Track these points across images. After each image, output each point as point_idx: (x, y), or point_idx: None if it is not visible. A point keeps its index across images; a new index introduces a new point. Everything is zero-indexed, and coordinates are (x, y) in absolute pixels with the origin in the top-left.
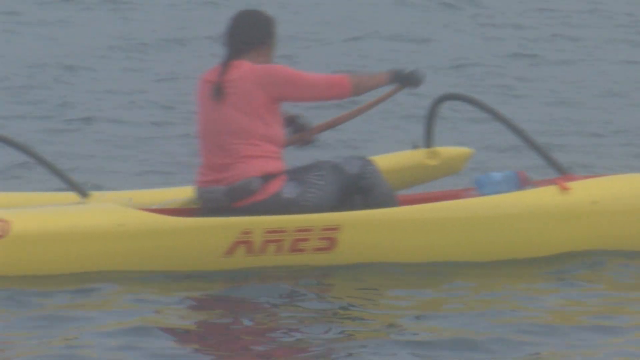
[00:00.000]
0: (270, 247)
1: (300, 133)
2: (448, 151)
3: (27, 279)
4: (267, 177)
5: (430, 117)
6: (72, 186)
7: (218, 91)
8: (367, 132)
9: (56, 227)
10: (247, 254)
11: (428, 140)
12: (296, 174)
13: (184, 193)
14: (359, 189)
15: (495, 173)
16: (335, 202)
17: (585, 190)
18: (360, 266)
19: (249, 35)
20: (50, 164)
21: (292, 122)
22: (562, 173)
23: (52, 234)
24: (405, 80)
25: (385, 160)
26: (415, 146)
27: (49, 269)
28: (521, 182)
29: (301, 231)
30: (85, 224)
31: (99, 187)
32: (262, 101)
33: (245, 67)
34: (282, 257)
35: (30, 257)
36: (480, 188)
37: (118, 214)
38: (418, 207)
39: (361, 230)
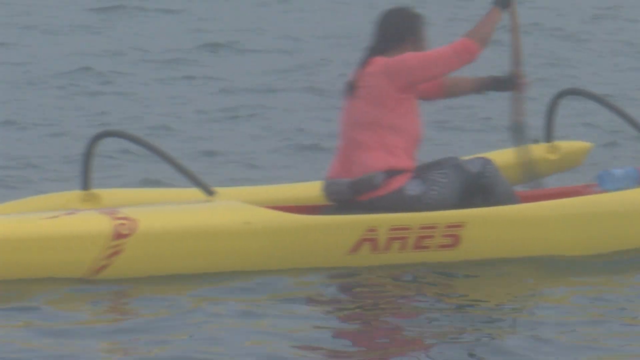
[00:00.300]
0: (395, 244)
1: (511, 87)
2: (568, 145)
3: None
4: (392, 173)
5: (551, 111)
6: (198, 184)
7: (351, 86)
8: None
9: (182, 226)
10: (372, 251)
11: (548, 134)
12: (419, 171)
13: (309, 188)
14: (480, 188)
15: (616, 169)
16: (456, 201)
17: None
18: (484, 263)
19: (391, 33)
20: (176, 162)
21: (495, 83)
22: None
23: (178, 232)
24: None
25: (506, 155)
26: (535, 140)
27: (174, 268)
28: None
29: (425, 228)
30: (212, 222)
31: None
32: (390, 92)
33: (379, 62)
34: (406, 254)
35: (156, 255)
36: (602, 184)
37: (244, 212)
38: (542, 203)
39: (485, 227)
